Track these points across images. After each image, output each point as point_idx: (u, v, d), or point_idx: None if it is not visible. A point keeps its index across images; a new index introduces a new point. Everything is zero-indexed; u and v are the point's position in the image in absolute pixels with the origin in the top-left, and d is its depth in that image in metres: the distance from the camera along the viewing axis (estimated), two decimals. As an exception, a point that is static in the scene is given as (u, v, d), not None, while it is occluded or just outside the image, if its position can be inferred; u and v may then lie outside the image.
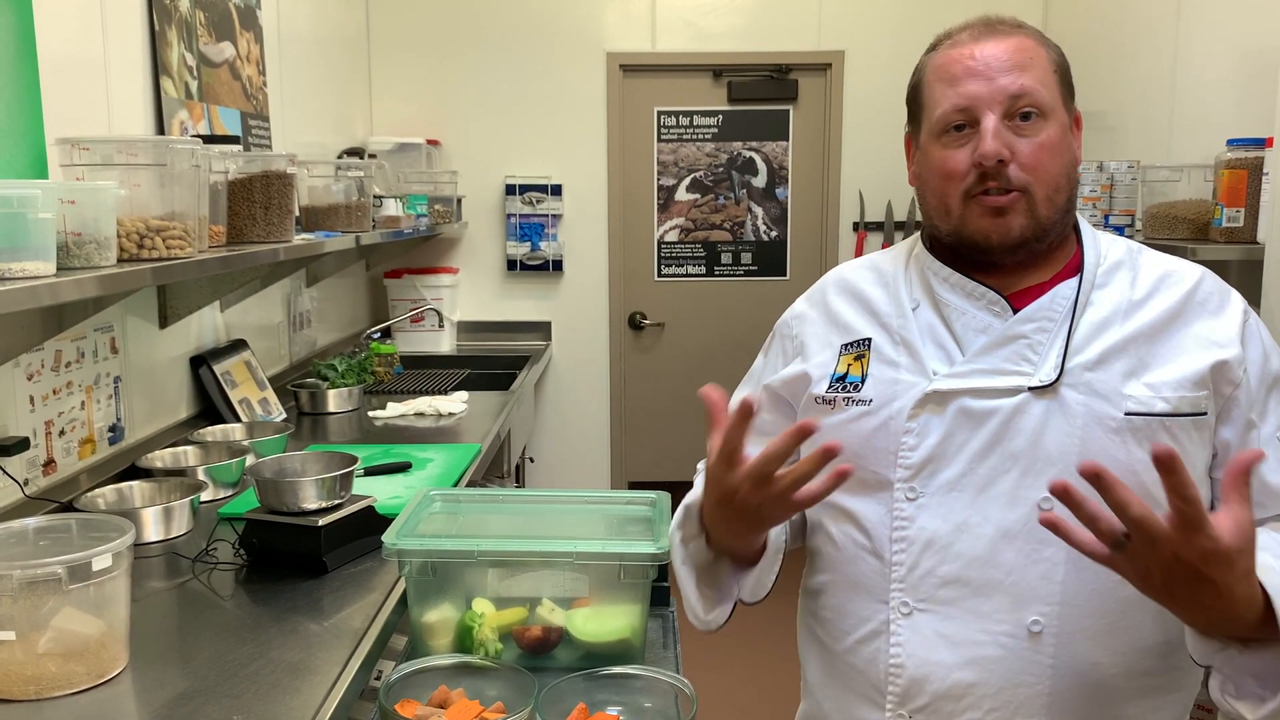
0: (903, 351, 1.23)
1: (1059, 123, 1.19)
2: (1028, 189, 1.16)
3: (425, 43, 4.24)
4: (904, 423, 1.20)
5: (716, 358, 4.48)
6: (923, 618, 1.18)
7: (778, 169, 4.41)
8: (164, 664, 1.35)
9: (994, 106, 1.16)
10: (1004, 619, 1.15)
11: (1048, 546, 1.14)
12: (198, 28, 2.51)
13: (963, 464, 1.17)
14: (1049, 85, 1.18)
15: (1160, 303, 1.19)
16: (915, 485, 1.19)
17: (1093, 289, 1.20)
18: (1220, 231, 2.33)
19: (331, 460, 1.77)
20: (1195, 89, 3.00)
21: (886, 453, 1.21)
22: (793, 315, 1.38)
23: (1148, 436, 1.13)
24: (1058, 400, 1.15)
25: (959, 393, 1.18)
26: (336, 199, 2.85)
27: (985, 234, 1.18)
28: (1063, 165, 1.18)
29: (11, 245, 1.35)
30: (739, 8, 4.27)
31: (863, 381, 1.24)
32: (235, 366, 2.69)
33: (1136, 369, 1.16)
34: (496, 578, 1.41)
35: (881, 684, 1.22)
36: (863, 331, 1.28)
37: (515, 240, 4.35)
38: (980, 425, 1.17)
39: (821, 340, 1.31)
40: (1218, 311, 1.19)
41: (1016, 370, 1.17)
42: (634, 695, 1.30)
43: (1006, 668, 1.16)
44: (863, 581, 1.23)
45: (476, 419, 2.89)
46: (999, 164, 1.15)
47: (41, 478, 1.92)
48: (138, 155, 1.70)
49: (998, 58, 1.17)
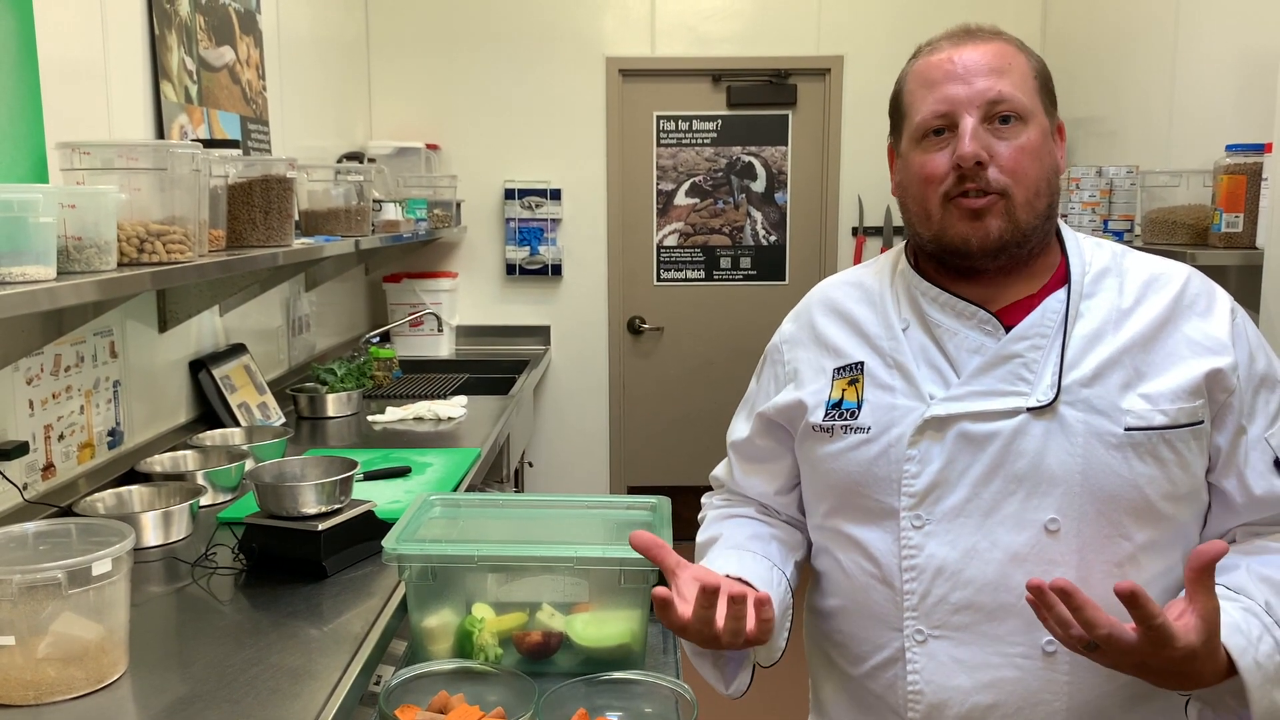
0: (897, 375, 1.23)
1: (1039, 128, 1.18)
2: (1007, 192, 1.16)
3: (424, 47, 4.24)
4: (904, 450, 1.19)
5: (715, 362, 4.49)
6: (938, 644, 1.18)
7: (777, 174, 4.41)
8: (163, 669, 1.35)
9: (972, 110, 1.16)
10: (1018, 641, 1.15)
11: (1057, 567, 1.14)
12: (198, 32, 2.51)
13: (967, 489, 1.17)
14: (1028, 90, 1.18)
15: (1150, 309, 1.19)
16: (920, 513, 1.18)
17: (1081, 299, 1.20)
18: (1219, 237, 2.33)
19: (331, 465, 1.76)
20: (1194, 94, 3.01)
21: (889, 481, 1.20)
22: (782, 339, 1.37)
23: (1149, 451, 1.13)
24: (1057, 420, 1.15)
25: (958, 417, 1.17)
26: (336, 203, 2.85)
27: (965, 238, 1.17)
28: (1042, 170, 1.18)
29: (12, 249, 1.35)
30: (738, 13, 4.27)
31: (859, 408, 1.23)
32: (234, 371, 2.69)
33: (1132, 380, 1.16)
34: (496, 583, 1.41)
35: (901, 709, 1.21)
36: (854, 355, 1.26)
37: (514, 244, 4.35)
38: (981, 449, 1.16)
39: (814, 366, 1.30)
40: (1206, 313, 1.19)
41: (1013, 390, 1.17)
42: (634, 700, 1.30)
43: (1024, 688, 1.15)
44: (875, 610, 1.22)
45: (476, 423, 2.89)
46: (977, 166, 1.15)
47: (41, 482, 1.92)
48: (138, 159, 1.70)
49: (976, 62, 1.17)
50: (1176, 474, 1.14)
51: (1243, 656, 1.05)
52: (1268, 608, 1.11)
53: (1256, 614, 1.10)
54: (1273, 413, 1.18)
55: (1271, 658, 1.07)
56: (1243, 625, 1.08)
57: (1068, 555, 1.14)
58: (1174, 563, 1.17)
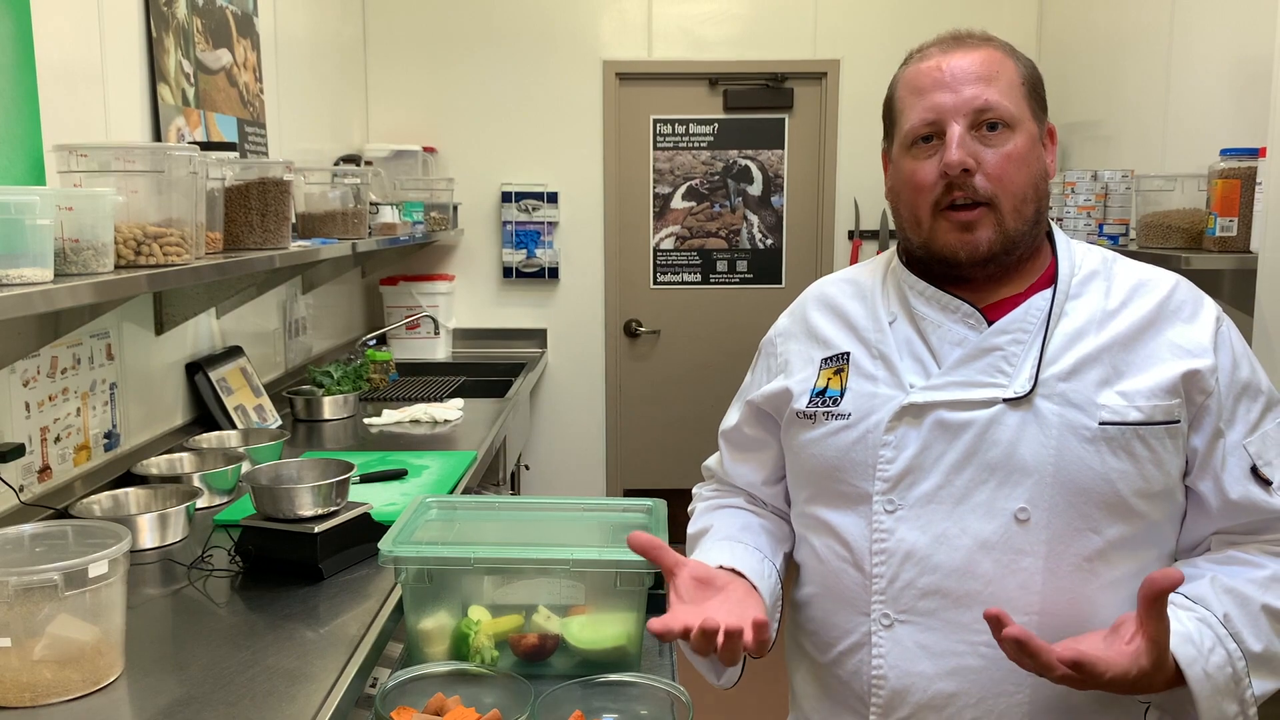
0: (880, 365, 1.25)
1: (1027, 134, 1.20)
2: (994, 200, 1.18)
3: (422, 50, 4.25)
4: (881, 435, 1.21)
5: (712, 365, 4.49)
6: (903, 629, 1.19)
7: (773, 177, 4.42)
8: (159, 671, 1.35)
9: (959, 117, 1.18)
10: (983, 629, 1.15)
11: (1025, 556, 1.15)
12: (195, 35, 2.51)
13: (940, 476, 1.18)
14: (1015, 97, 1.19)
15: (1134, 311, 1.20)
16: (893, 498, 1.20)
17: (1067, 299, 1.22)
18: (1214, 241, 2.34)
19: (327, 467, 1.77)
20: (1189, 98, 3.02)
21: (865, 466, 1.22)
22: (775, 332, 1.40)
23: (1122, 446, 1.15)
24: (1032, 411, 1.16)
25: (935, 405, 1.19)
26: (333, 206, 2.85)
27: (954, 249, 1.20)
28: (1030, 176, 1.19)
29: (9, 251, 1.35)
30: (735, 17, 4.28)
31: (841, 395, 1.25)
32: (231, 373, 2.69)
33: (1111, 377, 1.17)
34: (493, 585, 1.41)
35: (865, 695, 1.23)
36: (841, 346, 1.29)
37: (511, 247, 4.36)
38: (956, 437, 1.18)
39: (803, 356, 1.33)
40: (1191, 319, 1.20)
41: (992, 382, 1.18)
42: (630, 703, 1.31)
43: (987, 678, 1.17)
44: (845, 594, 1.24)
45: (472, 426, 2.90)
46: (964, 174, 1.17)
47: (37, 484, 1.92)
48: (135, 162, 1.70)
49: (964, 69, 1.19)
50: (1150, 470, 1.15)
51: (1191, 667, 1.08)
52: (1226, 620, 1.12)
53: (1212, 625, 1.11)
54: (1253, 421, 1.19)
55: (1223, 669, 1.09)
56: (1195, 636, 1.10)
57: (1036, 545, 1.15)
58: (1148, 563, 1.17)
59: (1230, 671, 1.10)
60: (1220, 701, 1.09)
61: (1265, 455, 1.17)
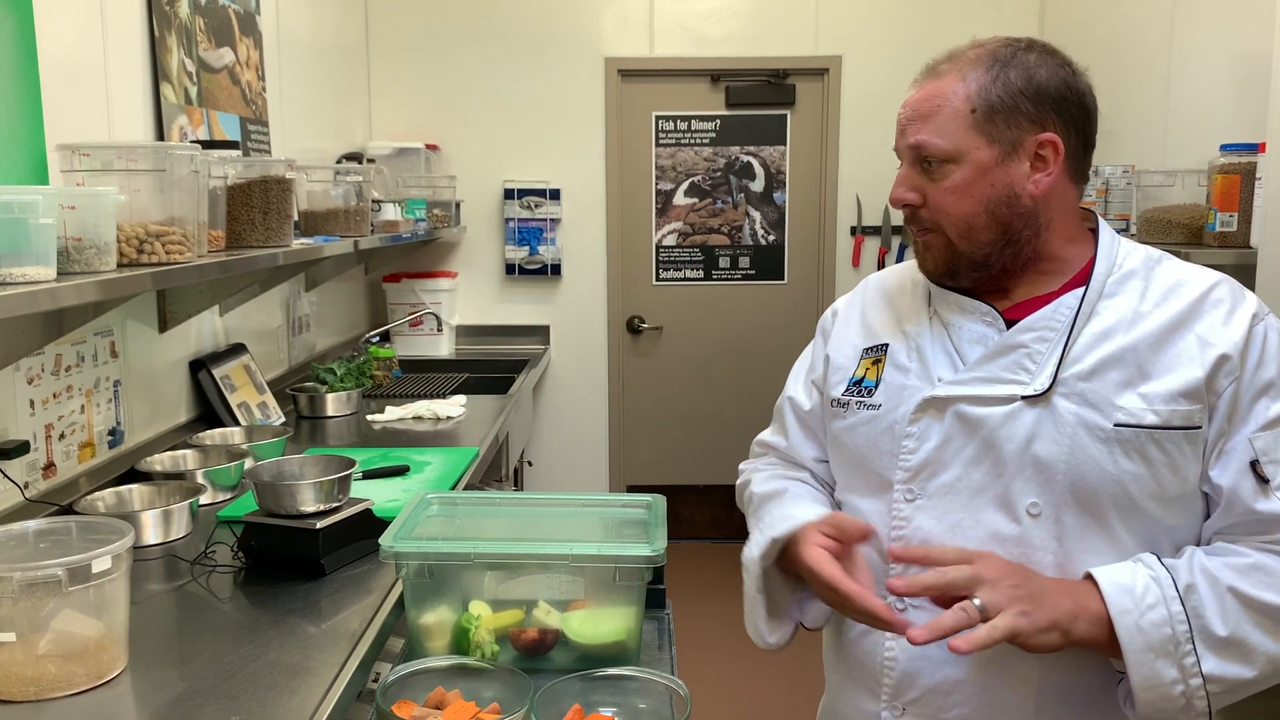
0: (915, 358, 1.28)
1: (972, 165, 1.20)
2: (938, 229, 1.24)
3: (424, 48, 4.25)
4: (905, 427, 1.24)
5: (714, 361, 4.50)
6: (915, 614, 1.21)
7: (775, 173, 4.42)
8: (163, 665, 1.36)
9: (904, 155, 1.25)
10: None
11: (1036, 551, 1.17)
12: (197, 33, 2.52)
13: (958, 468, 1.21)
14: (956, 130, 1.20)
15: (1166, 311, 1.19)
16: (913, 487, 1.23)
17: (1100, 299, 1.21)
18: (1214, 236, 2.34)
19: (330, 463, 1.78)
20: (1189, 94, 3.02)
21: (890, 455, 1.26)
22: (832, 313, 1.45)
23: (1136, 448, 1.15)
24: (1050, 409, 1.18)
25: (956, 399, 1.22)
26: (335, 203, 2.86)
27: (920, 260, 1.29)
28: (977, 204, 1.21)
29: (12, 250, 1.36)
30: (737, 13, 4.28)
31: (876, 386, 1.30)
32: (234, 370, 2.70)
33: (1134, 379, 1.16)
34: (493, 580, 1.42)
35: (878, 675, 1.26)
36: (882, 337, 1.33)
37: (514, 244, 4.36)
38: (975, 432, 1.20)
39: (851, 344, 1.37)
40: (1226, 316, 1.18)
41: (1014, 379, 1.20)
42: (629, 697, 1.32)
43: (995, 667, 1.18)
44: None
45: (475, 422, 2.90)
46: (912, 208, 1.24)
47: (41, 481, 1.93)
48: (138, 161, 1.71)
49: (911, 110, 1.24)
50: (1165, 475, 1.15)
51: (1123, 617, 1.09)
52: (1187, 590, 1.12)
53: (1162, 585, 1.11)
54: (1268, 419, 1.16)
55: (1159, 628, 1.10)
56: (1136, 590, 1.11)
57: (1047, 540, 1.17)
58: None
59: (1169, 633, 1.10)
60: (1152, 659, 1.09)
61: (1271, 453, 1.15)
